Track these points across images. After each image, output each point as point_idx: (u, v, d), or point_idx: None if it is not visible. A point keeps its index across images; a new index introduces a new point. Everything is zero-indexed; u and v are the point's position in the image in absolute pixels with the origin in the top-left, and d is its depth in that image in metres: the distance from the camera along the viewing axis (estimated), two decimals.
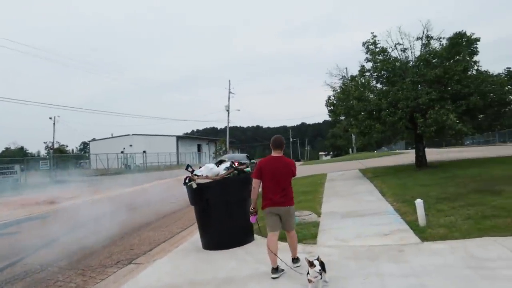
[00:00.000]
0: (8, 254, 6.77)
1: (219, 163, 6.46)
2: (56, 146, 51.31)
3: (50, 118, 44.34)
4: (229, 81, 51.06)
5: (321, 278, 3.72)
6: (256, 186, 4.40)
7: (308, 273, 3.72)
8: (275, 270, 4.27)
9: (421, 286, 3.58)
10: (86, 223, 9.19)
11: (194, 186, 5.71)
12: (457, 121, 11.86)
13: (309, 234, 5.99)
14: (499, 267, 3.81)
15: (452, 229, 5.32)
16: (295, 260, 4.54)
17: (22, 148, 57.40)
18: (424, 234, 5.26)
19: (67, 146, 64.34)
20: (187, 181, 5.92)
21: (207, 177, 5.85)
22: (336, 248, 5.13)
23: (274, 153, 4.47)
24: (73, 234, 8.09)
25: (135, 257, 6.04)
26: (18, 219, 11.03)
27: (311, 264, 3.68)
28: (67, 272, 5.53)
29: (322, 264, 3.76)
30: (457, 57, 13.28)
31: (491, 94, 12.79)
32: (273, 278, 4.22)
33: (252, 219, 4.54)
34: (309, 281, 3.70)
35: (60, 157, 37.24)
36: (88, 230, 8.43)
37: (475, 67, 13.71)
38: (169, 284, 4.48)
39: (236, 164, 6.15)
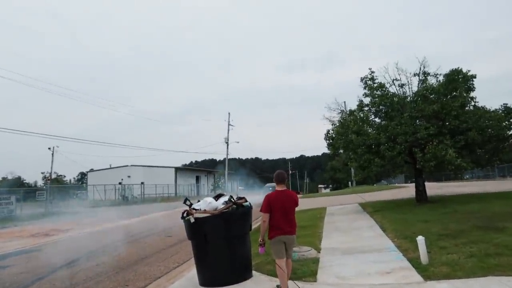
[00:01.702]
0: None
1: (217, 196, 6.39)
2: (54, 176, 51.02)
3: (49, 148, 44.31)
4: (229, 113, 51.24)
5: None
6: (267, 220, 4.64)
7: None
8: None
9: None
10: (81, 257, 8.98)
11: (192, 220, 5.62)
12: (456, 156, 11.87)
13: (308, 271, 5.83)
14: None
15: (455, 267, 5.19)
16: None
17: (19, 178, 57.04)
18: (427, 272, 5.12)
19: (64, 176, 64.17)
20: (185, 215, 5.84)
21: (205, 211, 5.77)
22: (337, 287, 4.99)
23: (278, 187, 4.78)
24: (67, 269, 7.88)
25: None
26: (11, 251, 10.79)
27: None
28: None
29: None
30: (454, 93, 13.48)
31: (489, 130, 12.88)
32: None
33: (261, 250, 4.78)
34: None
35: (57, 187, 36.91)
36: (82, 264, 8.23)
37: (472, 103, 13.89)
38: None
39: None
